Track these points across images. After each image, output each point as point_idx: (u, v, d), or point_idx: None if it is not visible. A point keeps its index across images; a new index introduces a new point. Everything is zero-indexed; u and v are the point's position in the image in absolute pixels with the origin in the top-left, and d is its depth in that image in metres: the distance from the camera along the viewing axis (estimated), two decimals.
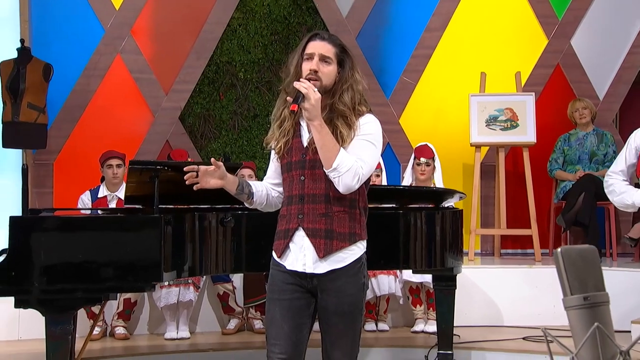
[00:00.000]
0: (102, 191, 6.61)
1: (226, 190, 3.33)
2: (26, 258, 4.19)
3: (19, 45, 7.08)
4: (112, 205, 6.50)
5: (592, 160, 7.74)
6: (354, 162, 3.14)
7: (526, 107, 7.66)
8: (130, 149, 7.26)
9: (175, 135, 7.85)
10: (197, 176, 3.28)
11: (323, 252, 3.19)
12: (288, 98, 3.16)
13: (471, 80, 7.97)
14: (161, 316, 6.49)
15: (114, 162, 6.56)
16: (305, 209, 3.23)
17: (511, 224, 7.71)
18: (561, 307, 7.14)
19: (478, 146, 7.67)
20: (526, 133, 7.58)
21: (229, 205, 4.82)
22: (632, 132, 8.64)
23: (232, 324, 6.58)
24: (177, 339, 6.35)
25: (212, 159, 3.29)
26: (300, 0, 8.09)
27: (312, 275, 3.21)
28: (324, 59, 3.21)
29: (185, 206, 5.00)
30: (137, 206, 5.13)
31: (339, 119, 3.18)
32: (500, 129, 7.64)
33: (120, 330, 6.37)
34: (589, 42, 8.47)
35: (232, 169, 4.88)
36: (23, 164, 7.13)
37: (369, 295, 6.54)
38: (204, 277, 6.38)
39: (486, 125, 7.66)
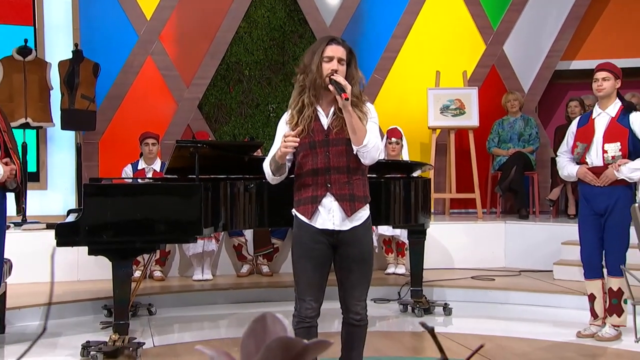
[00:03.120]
0: (141, 164, 6.64)
1: (282, 159, 3.14)
2: (97, 216, 4.27)
3: (72, 48, 7.02)
4: (149, 175, 6.51)
5: (520, 140, 7.84)
6: (376, 139, 3.15)
7: (471, 98, 7.76)
8: (158, 131, 7.18)
9: (194, 120, 7.83)
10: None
11: (350, 212, 3.18)
12: (331, 88, 3.04)
13: (428, 77, 8.02)
14: (189, 262, 6.57)
15: (150, 140, 6.57)
16: (332, 179, 3.18)
17: (459, 189, 7.82)
18: (498, 253, 7.36)
19: (434, 129, 7.78)
20: (471, 118, 7.70)
21: (251, 175, 4.91)
22: (548, 117, 8.90)
23: (245, 268, 6.67)
24: (202, 280, 6.43)
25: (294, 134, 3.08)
26: (293, 13, 8.07)
27: (338, 232, 3.19)
28: (340, 60, 3.15)
29: (212, 176, 5.05)
30: (173, 176, 5.22)
31: (352, 108, 3.09)
32: (451, 116, 7.74)
33: (157, 274, 6.46)
34: (517, 47, 8.54)
35: (255, 147, 5.00)
36: (77, 143, 7.11)
37: None
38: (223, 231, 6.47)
39: (440, 113, 7.75)
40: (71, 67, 6.86)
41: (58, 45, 7.24)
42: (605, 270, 4.74)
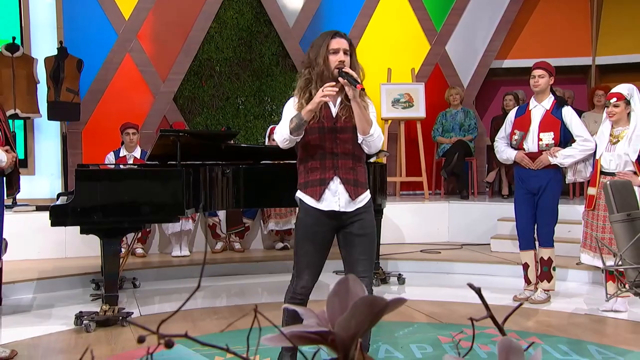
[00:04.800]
0: (122, 151, 6.56)
1: (310, 114, 2.96)
2: (88, 199, 4.21)
3: (57, 45, 6.88)
4: (130, 162, 6.45)
5: (461, 129, 7.94)
6: (380, 130, 3.05)
7: (418, 92, 7.81)
8: (137, 122, 7.06)
9: (170, 112, 7.73)
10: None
11: (354, 195, 3.06)
12: (341, 80, 2.92)
13: (380, 73, 8.01)
14: (168, 240, 6.53)
15: (130, 130, 6.50)
16: (339, 163, 3.05)
17: (408, 173, 7.88)
18: (442, 229, 7.49)
19: (386, 120, 7.77)
20: (419, 111, 7.75)
21: (227, 162, 4.91)
22: (484, 109, 9.07)
23: (219, 245, 6.66)
24: (180, 256, 6.41)
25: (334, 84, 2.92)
26: (259, 14, 8.02)
27: (343, 213, 3.06)
28: (345, 51, 3.03)
29: (191, 162, 5.02)
30: (154, 162, 5.17)
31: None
32: (402, 108, 7.78)
33: (139, 251, 6.42)
34: (457, 48, 8.63)
35: (231, 136, 4.99)
36: (63, 132, 7.00)
37: None
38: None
39: (391, 105, 7.77)
40: (56, 62, 6.73)
41: (43, 43, 7.08)
42: (537, 243, 4.89)
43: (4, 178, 3.96)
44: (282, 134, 3.08)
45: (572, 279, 5.65)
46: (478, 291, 0.64)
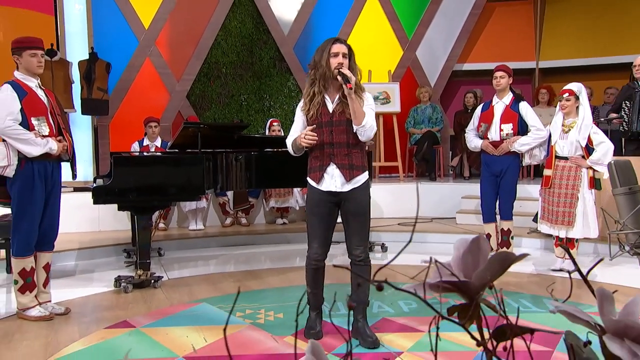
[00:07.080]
0: (146, 141, 6.52)
1: (300, 146, 3.11)
2: (124, 181, 4.21)
3: (89, 50, 6.82)
4: (152, 150, 6.43)
5: (429, 122, 8.01)
6: (372, 121, 3.01)
7: (395, 91, 7.85)
8: (155, 116, 7.08)
9: (184, 108, 7.71)
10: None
11: (348, 177, 3.06)
12: (339, 78, 2.95)
13: (362, 75, 7.98)
14: (185, 216, 6.55)
15: (153, 123, 6.48)
16: (335, 152, 3.07)
17: (385, 159, 7.98)
18: (415, 205, 7.48)
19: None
20: (395, 106, 7.79)
21: (238, 150, 4.92)
22: (447, 105, 9.14)
23: (228, 221, 6.68)
24: (196, 229, 6.43)
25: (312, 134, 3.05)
26: (259, 24, 7.99)
27: (340, 193, 3.08)
28: (344, 55, 3.02)
29: (212, 150, 5.02)
30: (174, 150, 5.16)
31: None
32: (381, 104, 7.81)
33: (161, 225, 6.42)
34: (425, 53, 8.68)
35: (242, 127, 4.99)
36: (94, 125, 6.94)
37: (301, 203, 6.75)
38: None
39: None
40: (88, 65, 6.67)
41: (77, 49, 6.98)
42: (498, 216, 4.99)
43: (61, 164, 3.93)
44: (290, 148, 3.21)
45: (526, 245, 5.79)
46: (567, 249, 0.70)
